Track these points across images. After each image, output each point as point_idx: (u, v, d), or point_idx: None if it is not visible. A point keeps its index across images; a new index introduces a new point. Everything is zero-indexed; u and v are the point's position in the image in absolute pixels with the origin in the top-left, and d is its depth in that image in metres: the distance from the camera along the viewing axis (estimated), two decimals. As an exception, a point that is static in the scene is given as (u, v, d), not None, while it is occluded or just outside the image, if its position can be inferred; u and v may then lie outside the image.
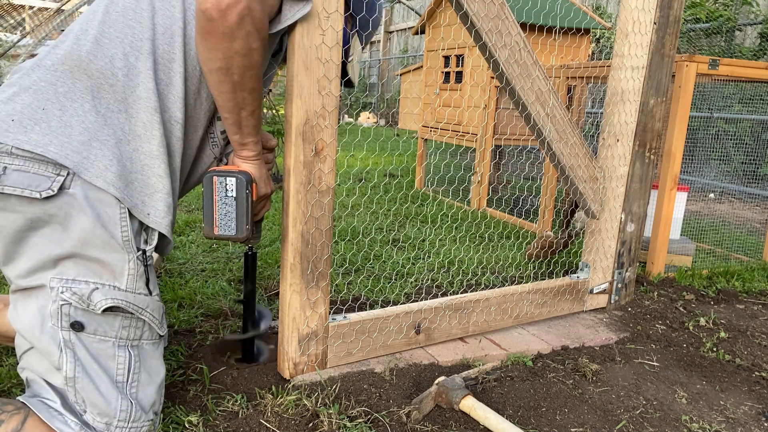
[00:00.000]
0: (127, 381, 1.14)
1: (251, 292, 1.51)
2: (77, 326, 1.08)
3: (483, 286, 2.33)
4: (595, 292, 2.10)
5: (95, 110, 1.09)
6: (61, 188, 1.04)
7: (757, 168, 4.85)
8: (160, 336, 1.21)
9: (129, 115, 1.11)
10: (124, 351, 1.13)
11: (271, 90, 4.15)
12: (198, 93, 1.21)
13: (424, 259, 2.62)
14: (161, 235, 1.19)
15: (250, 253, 1.48)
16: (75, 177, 1.05)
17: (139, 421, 1.14)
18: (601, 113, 2.07)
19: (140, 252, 1.12)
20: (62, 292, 1.06)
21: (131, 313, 1.12)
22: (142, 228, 1.14)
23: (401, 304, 1.92)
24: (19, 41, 4.10)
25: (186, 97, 1.18)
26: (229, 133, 1.23)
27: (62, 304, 1.07)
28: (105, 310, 1.09)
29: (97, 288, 1.08)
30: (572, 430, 1.37)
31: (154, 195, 1.14)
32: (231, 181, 1.23)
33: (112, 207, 1.08)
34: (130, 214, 1.10)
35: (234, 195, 1.23)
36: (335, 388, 1.42)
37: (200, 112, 1.24)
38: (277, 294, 2.05)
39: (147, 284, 1.15)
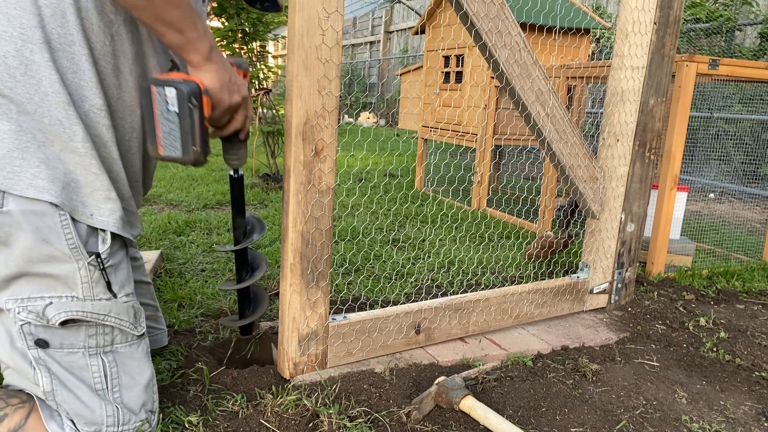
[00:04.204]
0: (108, 387, 1.11)
1: (240, 226, 1.35)
2: (42, 343, 1.05)
3: (483, 286, 2.33)
4: (595, 292, 2.10)
5: (6, 118, 0.99)
6: None
7: (757, 168, 4.85)
8: (138, 336, 1.16)
9: (41, 115, 1.00)
10: (96, 359, 1.10)
11: (271, 90, 4.15)
12: (118, 71, 1.09)
13: (424, 259, 2.62)
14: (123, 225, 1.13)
15: (235, 176, 1.29)
16: (5, 195, 0.98)
17: (130, 423, 1.13)
18: (601, 113, 2.07)
19: (93, 256, 1.06)
20: (19, 313, 1.03)
21: (93, 321, 1.08)
22: (96, 230, 1.07)
23: (401, 304, 1.92)
24: None
25: (102, 80, 1.07)
26: (168, 44, 1.05)
27: (22, 324, 1.03)
28: (64, 323, 1.05)
29: (51, 303, 1.04)
30: (572, 430, 1.37)
31: (93, 194, 1.06)
32: (171, 93, 1.02)
33: (51, 216, 1.01)
34: (74, 219, 1.03)
35: (176, 109, 1.03)
36: (335, 388, 1.42)
37: (129, 91, 1.12)
38: (277, 294, 2.05)
39: (109, 287, 1.09)
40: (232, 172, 1.31)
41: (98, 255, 1.06)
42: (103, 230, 1.08)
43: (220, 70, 1.08)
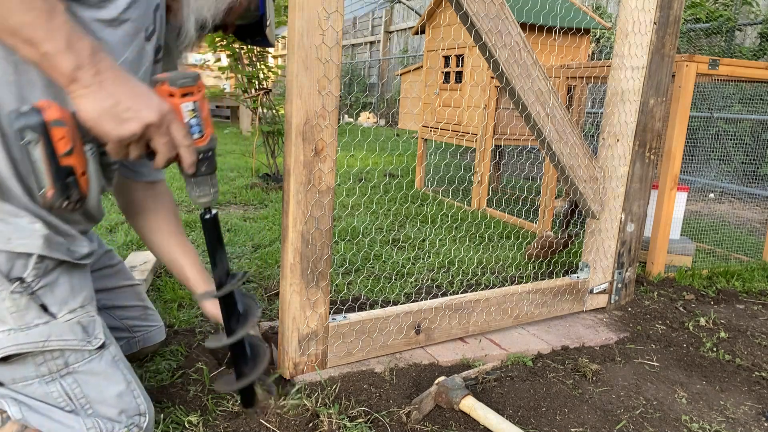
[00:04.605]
0: (77, 407, 1.08)
1: (223, 280, 1.12)
2: None
3: (483, 286, 2.33)
4: (595, 292, 2.10)
5: None
6: None
7: (757, 168, 4.85)
8: (96, 349, 1.09)
9: None
10: (54, 385, 1.05)
11: (270, 90, 4.15)
12: (24, 101, 0.97)
13: (424, 259, 2.62)
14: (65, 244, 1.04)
15: (206, 216, 1.06)
16: None
17: (118, 428, 1.11)
18: (601, 113, 2.07)
19: (17, 283, 0.99)
20: None
21: (34, 351, 1.02)
22: (17, 255, 0.99)
23: (401, 304, 1.92)
24: None
25: (3, 112, 0.96)
26: (25, 60, 0.87)
27: None
28: (6, 359, 1.01)
29: None
30: (572, 430, 1.37)
31: (5, 219, 0.98)
32: (15, 125, 0.84)
33: None
34: None
35: (20, 142, 0.85)
36: (335, 388, 1.42)
37: None
38: (277, 294, 2.05)
39: (45, 310, 1.02)
40: (201, 211, 1.07)
41: (22, 280, 0.99)
42: (28, 253, 1.00)
43: (97, 94, 0.87)
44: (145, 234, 1.39)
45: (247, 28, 1.32)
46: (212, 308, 1.35)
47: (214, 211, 1.07)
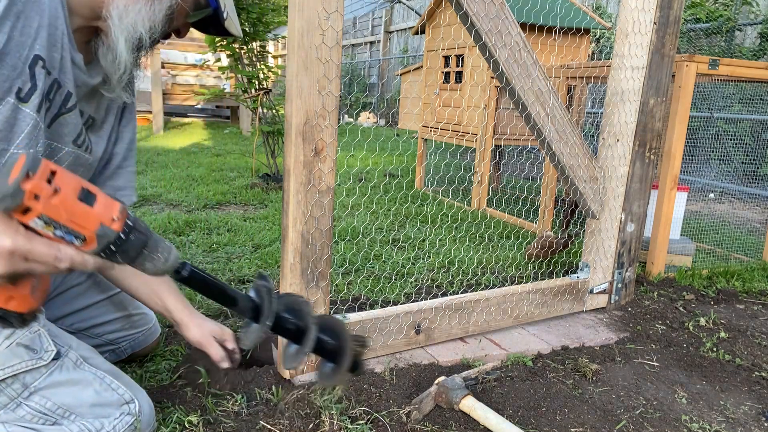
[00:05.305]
0: (58, 418, 1.05)
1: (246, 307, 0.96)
2: None
3: (483, 286, 2.33)
4: (595, 292, 2.10)
5: None
6: None
7: (757, 168, 4.85)
8: (51, 360, 1.04)
9: None
10: (22, 409, 1.02)
11: (270, 90, 4.15)
12: None
13: (424, 259, 2.62)
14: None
15: (183, 272, 0.88)
16: None
17: (107, 425, 1.09)
18: (601, 113, 2.07)
19: None
20: None
21: None
22: None
23: (401, 304, 1.92)
24: None
25: None
26: None
27: None
28: None
29: None
30: (572, 430, 1.37)
31: None
32: None
33: None
34: None
35: None
36: (336, 388, 1.42)
37: None
38: (277, 294, 2.05)
39: None
40: (172, 272, 0.89)
41: None
42: None
43: None
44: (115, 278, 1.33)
45: (206, 21, 1.19)
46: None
47: (187, 264, 0.89)
